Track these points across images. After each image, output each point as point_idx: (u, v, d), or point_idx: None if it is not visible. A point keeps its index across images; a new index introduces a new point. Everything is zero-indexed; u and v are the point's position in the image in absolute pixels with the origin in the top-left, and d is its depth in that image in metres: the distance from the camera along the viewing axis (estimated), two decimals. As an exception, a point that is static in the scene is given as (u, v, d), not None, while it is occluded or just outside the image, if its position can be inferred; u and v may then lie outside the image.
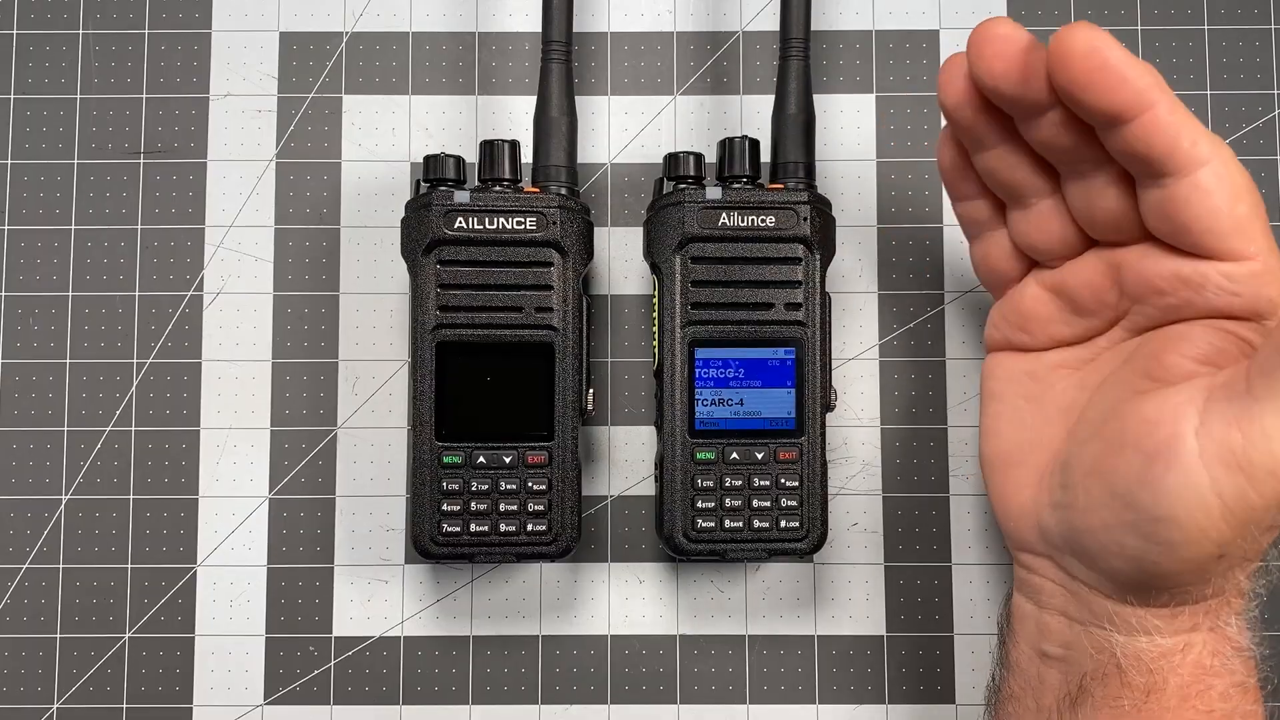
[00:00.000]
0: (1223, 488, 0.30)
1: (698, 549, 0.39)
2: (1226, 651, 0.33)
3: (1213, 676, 0.33)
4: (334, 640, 0.43)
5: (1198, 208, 0.31)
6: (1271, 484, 0.30)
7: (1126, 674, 0.33)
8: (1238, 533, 0.30)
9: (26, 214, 0.44)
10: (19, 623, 0.43)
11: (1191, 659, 0.33)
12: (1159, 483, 0.31)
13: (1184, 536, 0.31)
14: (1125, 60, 0.30)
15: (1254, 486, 0.30)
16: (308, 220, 0.44)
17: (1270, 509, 0.30)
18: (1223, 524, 0.30)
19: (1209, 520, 0.30)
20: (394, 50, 0.45)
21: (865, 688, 0.43)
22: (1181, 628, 0.33)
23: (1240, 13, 0.45)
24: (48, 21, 0.45)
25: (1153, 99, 0.30)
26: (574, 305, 0.40)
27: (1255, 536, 0.31)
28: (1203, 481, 0.30)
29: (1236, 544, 0.31)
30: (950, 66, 0.33)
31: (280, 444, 0.43)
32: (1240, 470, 0.30)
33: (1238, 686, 0.33)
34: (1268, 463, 0.29)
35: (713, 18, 0.45)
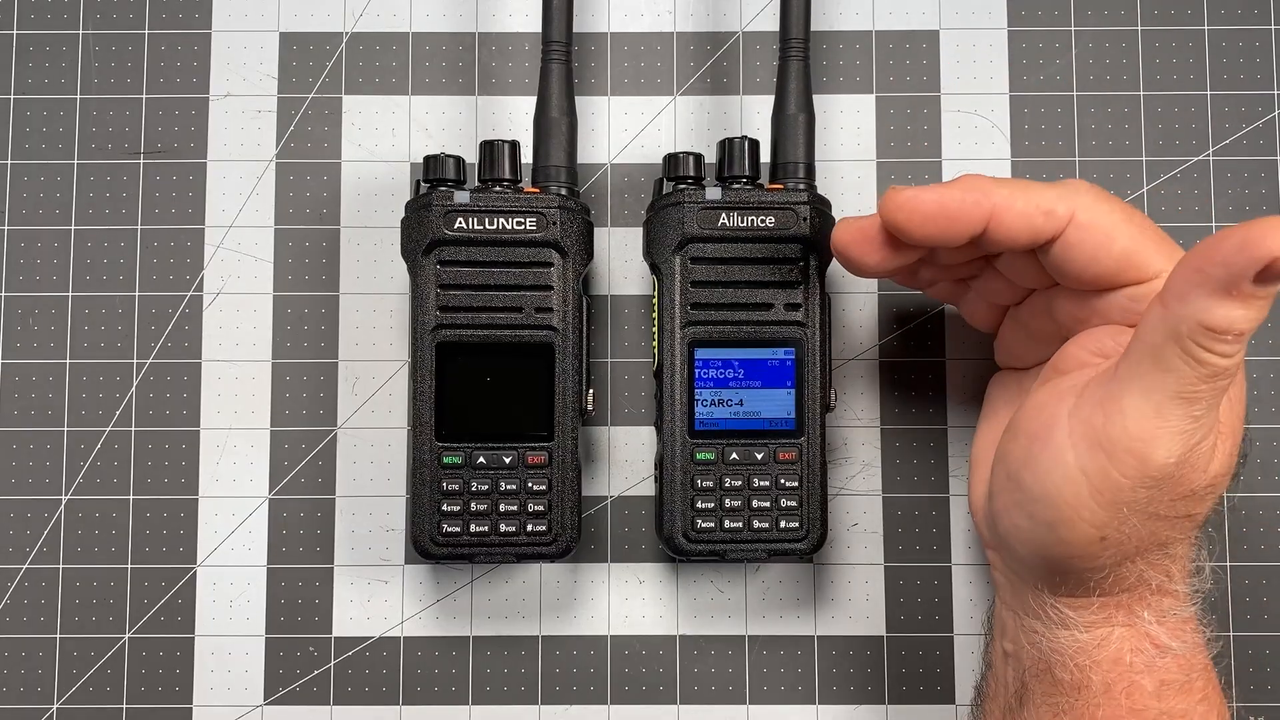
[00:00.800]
0: (1086, 465, 0.31)
1: (698, 549, 0.39)
2: (1148, 649, 0.33)
3: (1137, 674, 0.33)
4: (334, 640, 0.43)
5: (1076, 260, 0.33)
6: (1130, 461, 0.31)
7: (1054, 670, 0.34)
8: (1110, 513, 0.31)
9: (26, 214, 0.44)
10: (19, 623, 0.43)
11: (1109, 654, 0.33)
12: (1036, 462, 0.33)
13: (1058, 515, 0.32)
14: (941, 197, 0.33)
15: (1114, 464, 0.31)
16: (308, 220, 0.44)
17: (1135, 488, 0.31)
18: (1092, 503, 0.31)
19: (1078, 498, 0.31)
20: (394, 50, 0.45)
21: (865, 688, 0.43)
22: (1096, 623, 0.34)
23: (1240, 13, 0.45)
24: (48, 21, 0.45)
25: (985, 208, 0.33)
26: (574, 305, 0.40)
27: (1128, 518, 0.31)
28: (1069, 459, 0.32)
29: (1113, 526, 0.32)
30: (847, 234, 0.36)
31: (280, 444, 0.43)
32: (1100, 448, 0.31)
33: (1172, 686, 0.33)
34: (1123, 440, 0.31)
35: (713, 18, 0.45)
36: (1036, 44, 0.45)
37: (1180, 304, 0.29)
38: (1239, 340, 0.29)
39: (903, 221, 0.33)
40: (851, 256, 0.36)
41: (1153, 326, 0.30)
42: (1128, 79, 0.45)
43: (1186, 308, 0.29)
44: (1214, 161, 0.44)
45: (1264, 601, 0.43)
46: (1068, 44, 0.45)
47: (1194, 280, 0.29)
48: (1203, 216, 0.44)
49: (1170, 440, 0.30)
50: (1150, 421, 0.30)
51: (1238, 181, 0.44)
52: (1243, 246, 0.28)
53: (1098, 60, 0.45)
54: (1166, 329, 0.30)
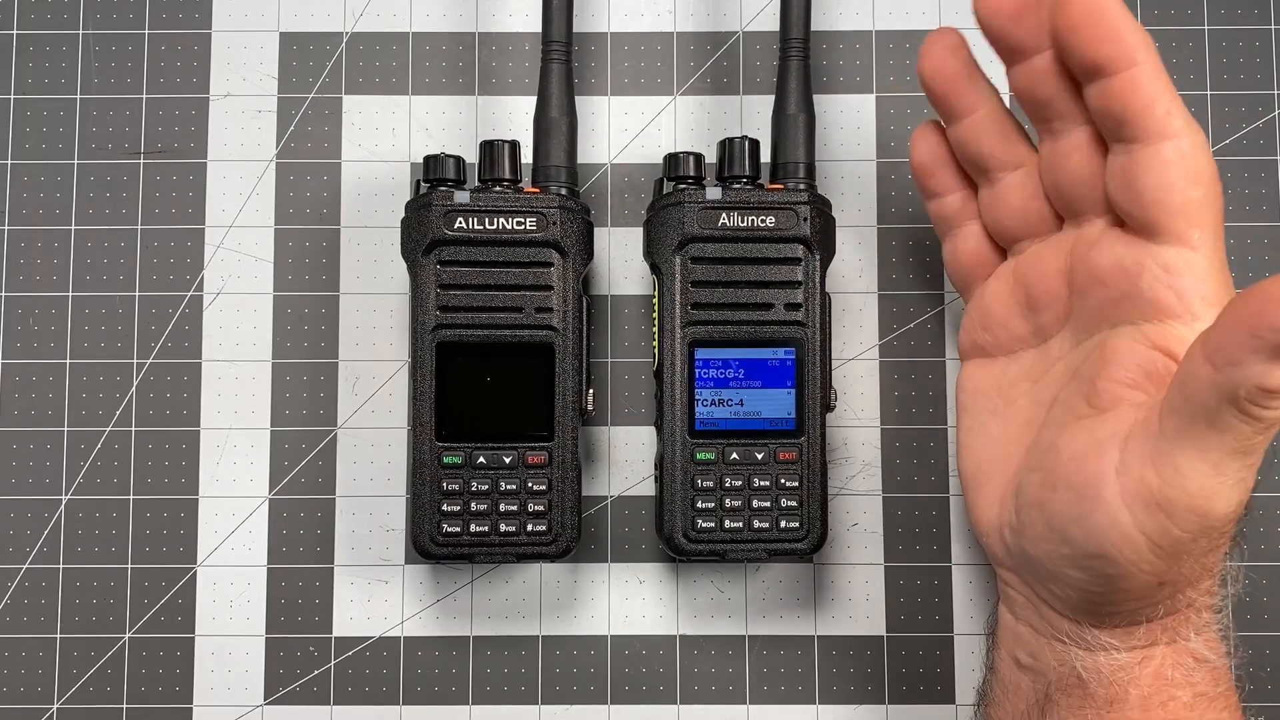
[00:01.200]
0: (1145, 525, 0.30)
1: (698, 549, 0.39)
2: (1188, 663, 0.33)
3: (1175, 687, 0.33)
4: (334, 640, 0.43)
5: (1154, 178, 0.31)
6: (1191, 519, 0.30)
7: (1088, 685, 0.34)
8: (1169, 563, 0.31)
9: (26, 214, 0.44)
10: (19, 623, 0.43)
11: (1151, 670, 0.33)
12: (1087, 521, 0.31)
13: (1118, 571, 0.31)
14: (1123, 15, 0.31)
15: (1175, 523, 0.30)
16: (308, 220, 0.44)
17: (1196, 540, 0.31)
18: (1153, 557, 0.31)
19: (1138, 555, 0.31)
20: (394, 50, 0.45)
21: (865, 688, 0.43)
22: (1138, 644, 0.33)
23: (1240, 13, 0.45)
24: (48, 21, 0.45)
25: (1139, 58, 0.31)
26: (574, 305, 0.40)
27: (1190, 564, 0.31)
28: (1125, 520, 0.31)
29: (1173, 572, 0.31)
30: (930, 36, 0.36)
31: (280, 444, 0.43)
32: (1160, 509, 0.30)
33: (1203, 697, 0.33)
34: (1184, 500, 0.30)
35: (713, 18, 0.45)
36: (1036, 44, 0.45)
37: (1235, 369, 0.28)
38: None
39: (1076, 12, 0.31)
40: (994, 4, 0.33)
41: (1203, 389, 0.29)
42: (1128, 79, 0.45)
43: (1242, 373, 0.28)
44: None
45: (1264, 601, 0.43)
46: (1068, 44, 0.45)
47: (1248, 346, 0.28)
48: (1203, 216, 0.44)
49: (1230, 493, 0.30)
50: (1210, 480, 0.30)
51: (1238, 181, 0.44)
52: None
53: (1098, 60, 0.45)
54: (1220, 392, 0.28)
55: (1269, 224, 0.44)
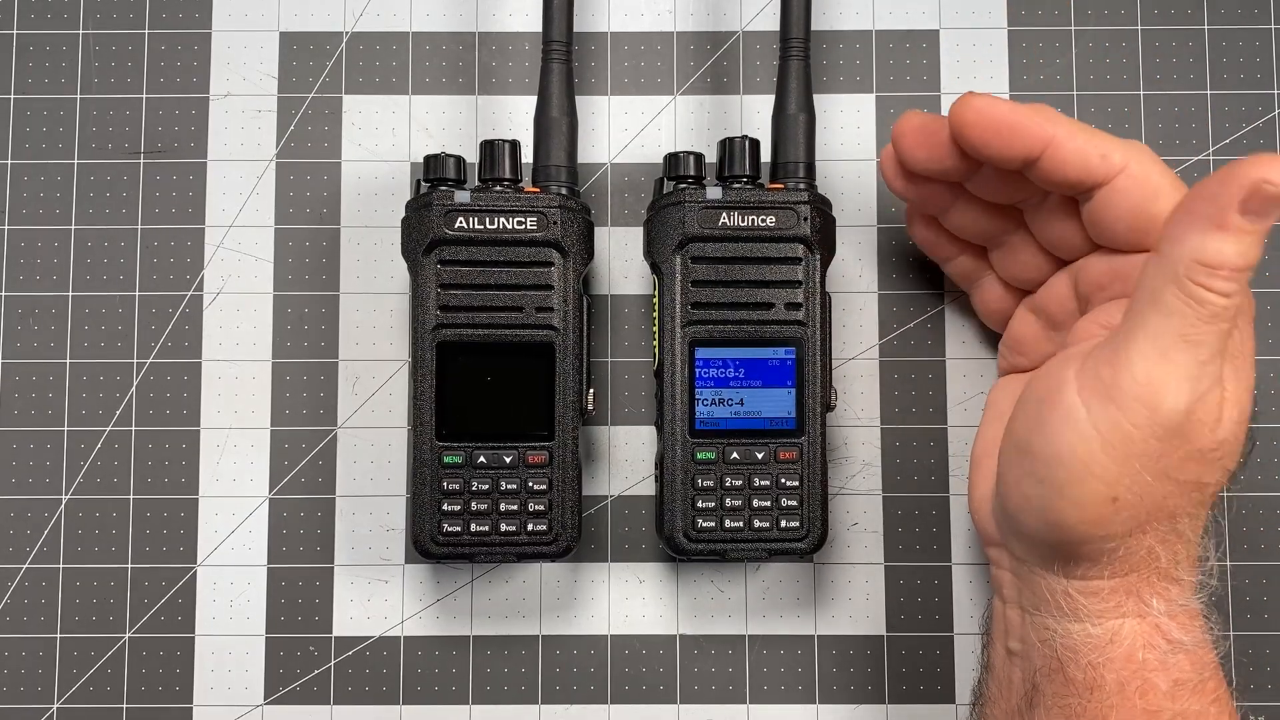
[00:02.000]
0: (1097, 419, 0.32)
1: (698, 549, 0.39)
2: (1160, 645, 0.33)
3: (1150, 672, 0.33)
4: (334, 640, 0.43)
5: (1119, 209, 0.34)
6: (1140, 409, 0.31)
7: (1067, 669, 0.34)
8: (1122, 468, 0.32)
9: (26, 214, 0.44)
10: (19, 623, 0.43)
11: (1123, 651, 0.33)
12: (1046, 424, 0.33)
13: (1070, 474, 0.32)
14: (1013, 110, 0.34)
15: (1125, 413, 0.31)
16: (308, 220, 0.44)
17: (1146, 438, 0.31)
18: (1104, 457, 0.32)
19: (1090, 454, 0.32)
20: (394, 50, 0.45)
21: (865, 688, 0.43)
22: (1108, 612, 0.34)
23: (1240, 13, 0.45)
24: (48, 21, 0.45)
25: (1048, 134, 0.34)
26: (574, 305, 0.40)
27: (1139, 475, 0.32)
28: (1080, 415, 0.32)
29: (1124, 484, 0.32)
30: (887, 159, 0.38)
31: (280, 444, 0.43)
32: (1110, 399, 0.31)
33: (1183, 685, 0.33)
34: (1133, 388, 0.31)
35: (713, 18, 0.45)
36: (1036, 44, 0.45)
37: (1174, 245, 0.30)
38: (1234, 277, 0.30)
39: (971, 120, 0.34)
40: (905, 147, 0.37)
41: (1152, 273, 0.31)
42: (1128, 79, 0.45)
43: (1180, 247, 0.30)
44: (1214, 161, 0.44)
45: (1264, 601, 0.43)
46: (1068, 44, 0.45)
47: (1185, 220, 0.30)
48: (1202, 216, 0.44)
49: (1178, 386, 0.31)
50: (1157, 367, 0.31)
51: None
52: (1225, 179, 0.29)
53: (1098, 60, 0.45)
54: (1164, 273, 0.31)
55: (1269, 224, 0.44)
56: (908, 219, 0.41)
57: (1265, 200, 0.29)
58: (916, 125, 0.36)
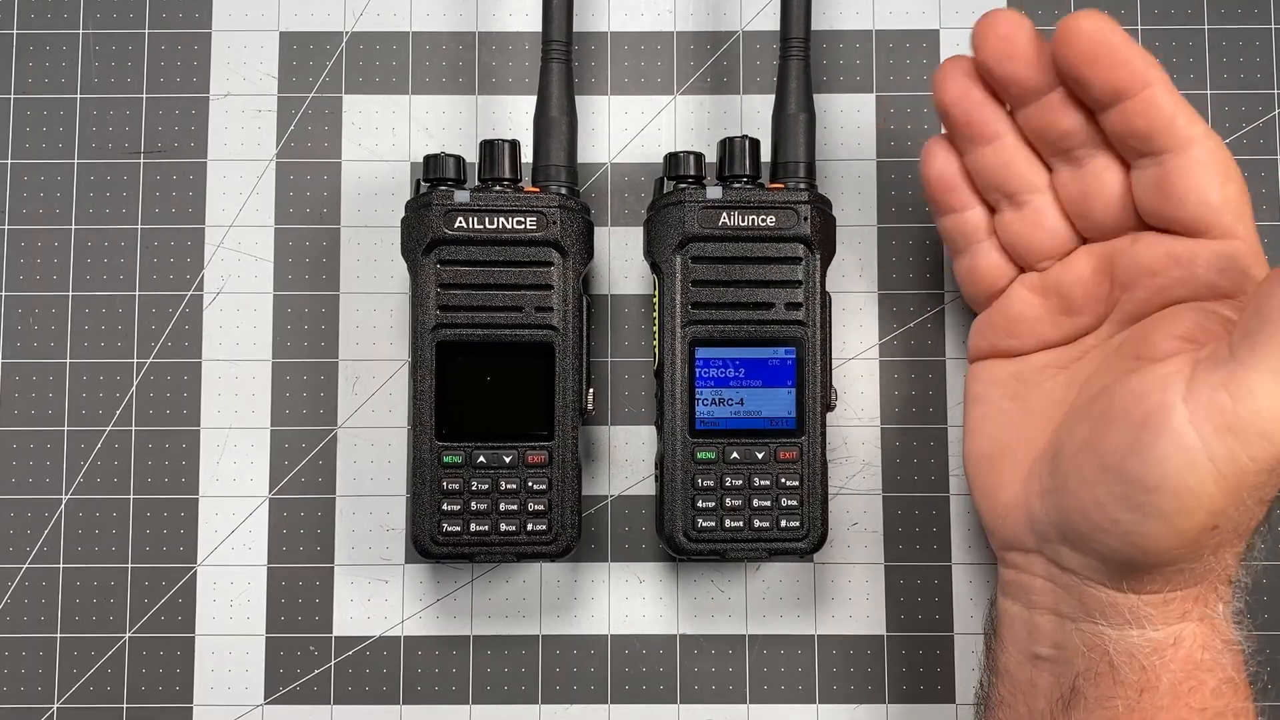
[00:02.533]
0: (1214, 450, 0.30)
1: (698, 549, 0.39)
2: (1216, 645, 0.33)
3: (1204, 672, 0.33)
4: (334, 640, 0.43)
5: (1193, 180, 0.32)
6: (1261, 444, 0.30)
7: (1119, 671, 0.33)
8: (1230, 499, 0.30)
9: (26, 214, 0.44)
10: (19, 623, 0.43)
11: (1183, 653, 0.33)
12: (1149, 450, 0.31)
13: (1177, 505, 0.30)
14: (1127, 42, 0.33)
15: (1244, 448, 0.30)
16: (308, 220, 0.44)
17: (1261, 472, 0.30)
18: (1215, 489, 0.30)
19: (1201, 485, 0.30)
20: (394, 50, 0.45)
21: (865, 688, 0.43)
22: (1172, 617, 0.33)
23: (1240, 13, 0.45)
24: (48, 21, 0.45)
25: (1151, 78, 0.33)
26: (574, 305, 0.40)
27: (1248, 504, 0.31)
28: (1194, 445, 0.30)
29: (1229, 513, 0.31)
30: (946, 65, 0.36)
31: (280, 444, 0.43)
32: (1230, 431, 0.30)
33: (1228, 683, 0.33)
34: (1257, 422, 0.30)
35: (713, 18, 0.45)
36: (1036, 44, 0.45)
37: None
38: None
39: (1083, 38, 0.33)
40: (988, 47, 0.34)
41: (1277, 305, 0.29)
42: (1127, 79, 0.45)
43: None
44: (1214, 161, 0.44)
45: (1264, 601, 0.43)
46: (1068, 44, 0.45)
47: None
48: (1203, 216, 0.44)
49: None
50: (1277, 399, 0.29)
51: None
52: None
53: (1097, 60, 0.45)
54: None
55: (1269, 224, 0.44)
56: (926, 151, 0.38)
57: None
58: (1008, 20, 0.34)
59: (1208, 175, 0.32)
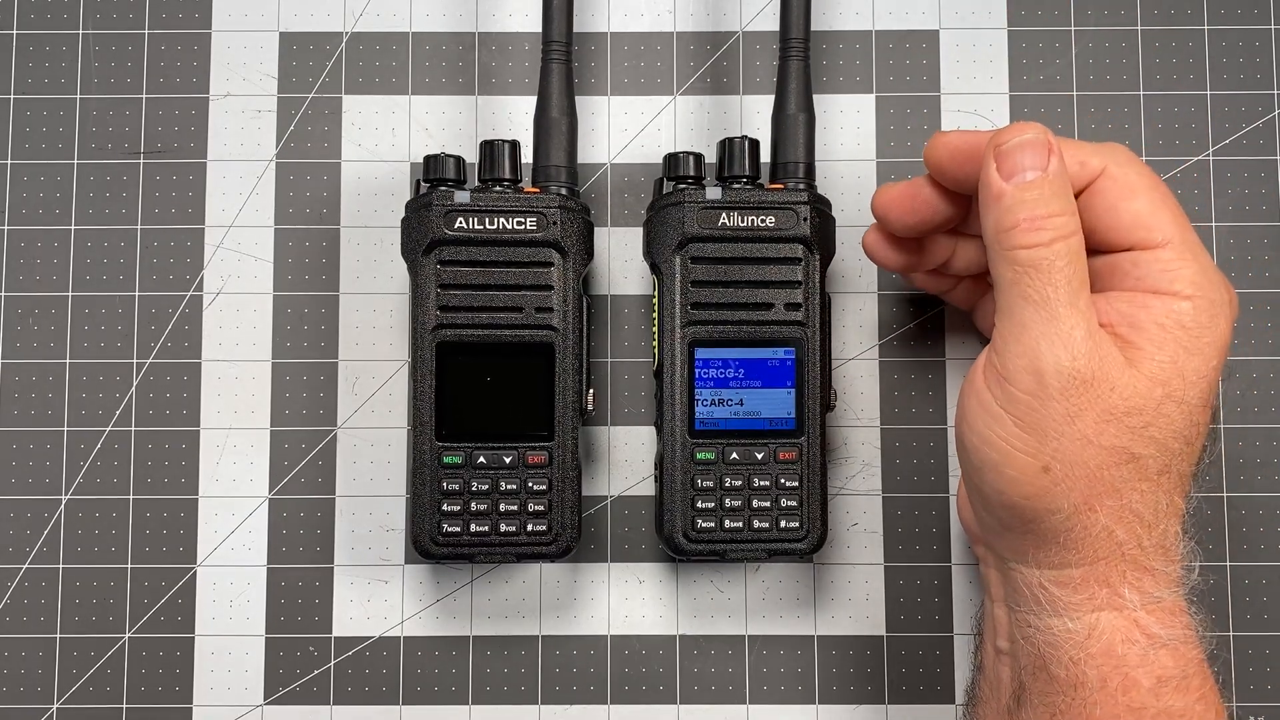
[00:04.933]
0: (999, 396, 0.33)
1: (698, 549, 0.39)
2: (1139, 639, 0.33)
3: (1132, 668, 0.33)
4: (334, 640, 0.43)
5: (1097, 210, 0.34)
6: (1025, 379, 0.33)
7: (1050, 667, 0.34)
8: (1039, 437, 0.32)
9: (26, 214, 0.44)
10: (19, 623, 0.43)
11: (1102, 646, 0.33)
12: (967, 411, 0.35)
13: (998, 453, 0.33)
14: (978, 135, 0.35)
15: (1017, 386, 0.33)
16: (308, 220, 0.44)
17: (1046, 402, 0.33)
18: (1018, 430, 0.33)
19: (1005, 430, 0.33)
20: (394, 50, 0.45)
21: (865, 688, 0.43)
22: (1084, 606, 0.33)
23: (1240, 13, 0.45)
24: (48, 21, 0.45)
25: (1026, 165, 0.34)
26: (574, 305, 0.40)
27: (1057, 439, 0.32)
28: (987, 399, 0.34)
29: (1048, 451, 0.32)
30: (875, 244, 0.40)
31: (280, 444, 0.43)
32: (1003, 379, 0.33)
33: (1169, 683, 0.33)
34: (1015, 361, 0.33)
35: (713, 18, 0.45)
36: (1036, 44, 0.45)
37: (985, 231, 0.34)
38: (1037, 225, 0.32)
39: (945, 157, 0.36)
40: (894, 216, 0.38)
41: (992, 264, 0.34)
42: (1128, 79, 0.45)
43: (986, 230, 0.34)
44: (1214, 161, 0.44)
45: (1264, 601, 0.43)
46: (1068, 44, 0.45)
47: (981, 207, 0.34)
48: (1203, 216, 0.44)
49: (1047, 348, 0.32)
50: (1024, 333, 0.33)
51: (1238, 181, 0.44)
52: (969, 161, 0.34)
53: (1098, 60, 0.45)
54: (993, 258, 0.34)
55: (1269, 224, 0.44)
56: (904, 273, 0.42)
57: (1007, 156, 0.33)
58: (896, 194, 0.38)
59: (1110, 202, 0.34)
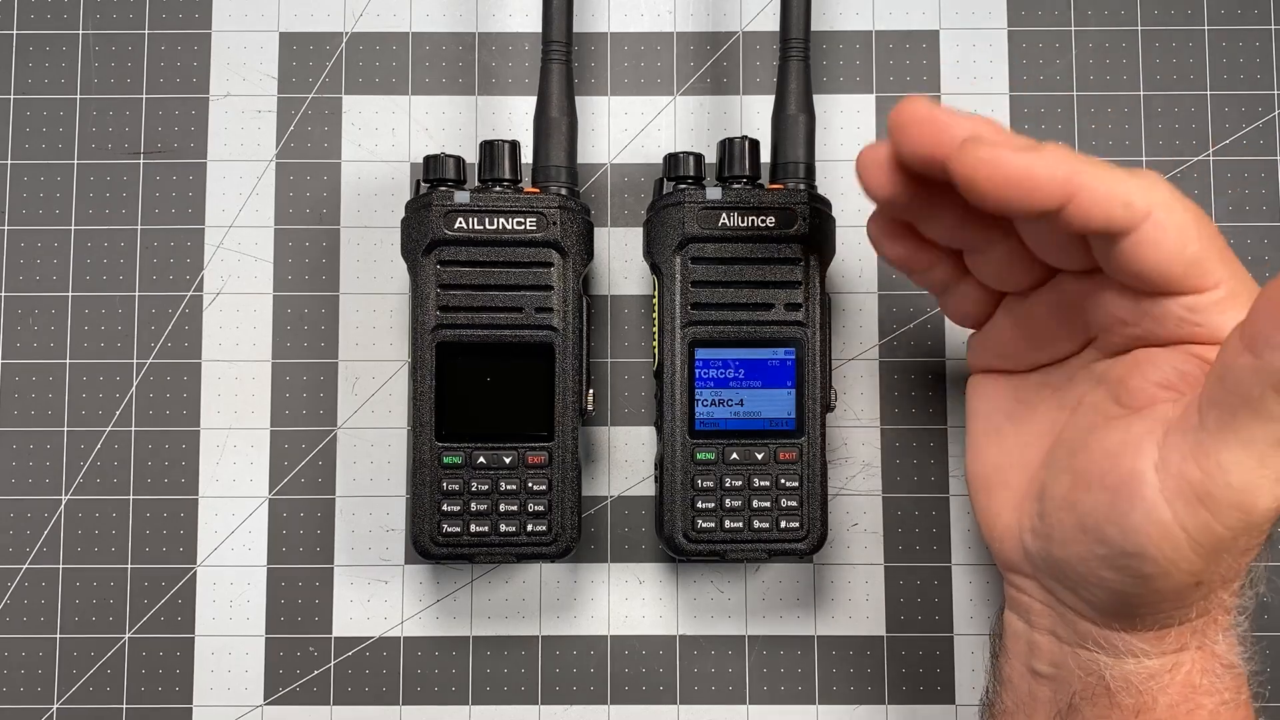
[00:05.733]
0: (1186, 522, 0.30)
1: (698, 549, 0.39)
2: (1216, 669, 0.33)
3: (1202, 695, 0.32)
4: (334, 640, 0.43)
5: (1148, 259, 0.30)
6: (1234, 515, 0.29)
7: (1115, 695, 0.33)
8: (1209, 562, 0.30)
9: (26, 214, 0.44)
10: (19, 623, 0.43)
11: (1180, 678, 0.33)
12: (1124, 520, 0.31)
13: (1156, 570, 0.31)
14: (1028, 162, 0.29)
15: (1217, 519, 0.29)
16: (308, 220, 0.44)
17: (1238, 538, 0.30)
18: (1192, 555, 0.30)
19: (1178, 553, 0.30)
20: (394, 50, 0.45)
21: (865, 688, 0.43)
22: (1168, 649, 0.33)
23: (1240, 13, 0.45)
24: (48, 21, 0.45)
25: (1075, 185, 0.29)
26: (574, 305, 0.40)
27: (1229, 562, 0.31)
28: (1166, 517, 0.30)
29: (1210, 571, 0.31)
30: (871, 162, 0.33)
31: (280, 444, 0.43)
32: (1201, 504, 0.29)
33: (1226, 705, 0.33)
34: (1227, 495, 0.29)
35: (713, 18, 0.45)
36: (1036, 44, 0.45)
37: (1274, 353, 0.27)
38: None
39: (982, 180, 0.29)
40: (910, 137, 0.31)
41: (1244, 377, 0.28)
42: (1128, 79, 0.45)
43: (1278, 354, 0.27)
44: (1214, 161, 0.44)
45: (1264, 602, 0.43)
46: (1068, 44, 0.45)
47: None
48: (1203, 216, 0.44)
49: (1273, 488, 0.29)
50: (1254, 474, 0.29)
51: (1238, 181, 0.44)
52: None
53: (1098, 60, 0.45)
54: (1261, 379, 0.28)
55: (1269, 224, 0.44)
56: (875, 238, 0.36)
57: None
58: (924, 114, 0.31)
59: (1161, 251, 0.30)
